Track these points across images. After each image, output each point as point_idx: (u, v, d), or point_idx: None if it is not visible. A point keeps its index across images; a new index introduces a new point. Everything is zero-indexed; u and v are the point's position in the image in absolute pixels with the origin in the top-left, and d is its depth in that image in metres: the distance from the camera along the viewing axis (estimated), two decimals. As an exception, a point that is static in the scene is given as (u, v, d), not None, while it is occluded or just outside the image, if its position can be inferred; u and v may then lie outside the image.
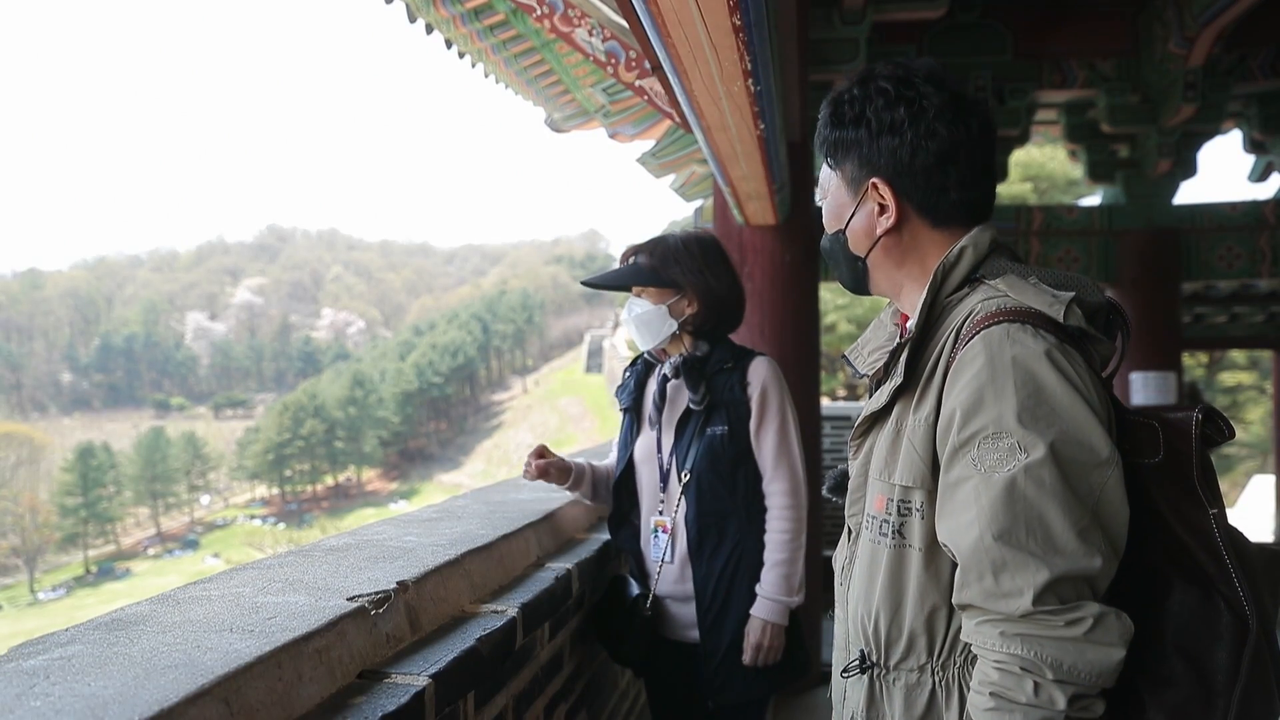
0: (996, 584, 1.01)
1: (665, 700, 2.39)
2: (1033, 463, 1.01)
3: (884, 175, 1.22)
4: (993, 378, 1.06)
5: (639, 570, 2.33)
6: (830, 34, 4.33)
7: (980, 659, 1.05)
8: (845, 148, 1.25)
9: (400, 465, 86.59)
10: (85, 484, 63.39)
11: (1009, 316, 1.09)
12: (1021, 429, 1.03)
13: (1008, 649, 1.01)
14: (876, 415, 1.24)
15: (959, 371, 1.10)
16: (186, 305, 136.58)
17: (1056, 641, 0.98)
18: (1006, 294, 1.13)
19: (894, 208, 1.22)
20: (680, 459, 2.22)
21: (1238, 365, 22.22)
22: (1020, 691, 0.99)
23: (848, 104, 1.24)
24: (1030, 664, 0.99)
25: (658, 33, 1.75)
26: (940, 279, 1.19)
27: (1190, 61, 4.94)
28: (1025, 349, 1.06)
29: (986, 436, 1.05)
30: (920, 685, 1.17)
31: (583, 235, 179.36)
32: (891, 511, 1.17)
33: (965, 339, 1.11)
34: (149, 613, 1.28)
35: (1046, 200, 20.23)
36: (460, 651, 1.42)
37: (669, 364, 2.28)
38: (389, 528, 2.03)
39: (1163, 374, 6.20)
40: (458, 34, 4.21)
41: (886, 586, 1.18)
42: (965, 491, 1.06)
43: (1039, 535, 1.00)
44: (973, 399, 1.06)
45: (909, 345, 1.17)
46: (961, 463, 1.07)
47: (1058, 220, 6.40)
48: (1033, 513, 1.01)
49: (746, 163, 2.97)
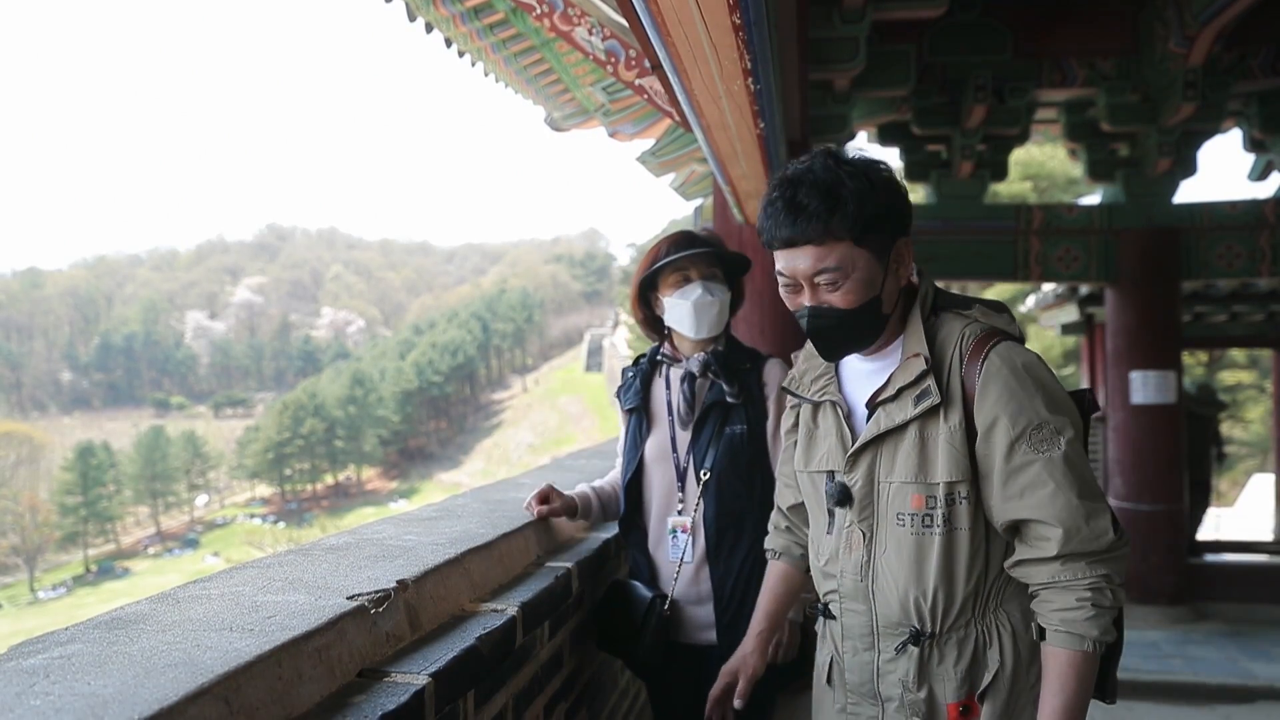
0: (1092, 528, 1.34)
1: (671, 704, 2.36)
2: (1070, 439, 1.37)
3: (906, 233, 1.46)
4: (1020, 384, 1.38)
5: (649, 573, 2.29)
6: (830, 32, 4.32)
7: (1065, 590, 1.36)
8: (873, 224, 1.39)
9: (400, 464, 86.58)
10: (85, 483, 63.39)
11: (1000, 336, 1.43)
12: (1053, 416, 1.37)
13: (1096, 572, 1.35)
14: (887, 434, 1.45)
15: (988, 384, 1.39)
16: (186, 304, 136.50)
17: (1120, 559, 1.37)
18: (978, 320, 1.45)
19: (910, 258, 1.48)
20: (699, 458, 2.21)
21: (1237, 364, 22.20)
22: (1105, 599, 1.35)
23: (856, 183, 1.37)
24: (1109, 578, 1.35)
25: (657, 31, 1.75)
26: (924, 316, 1.48)
27: (1190, 60, 4.94)
28: (1027, 359, 1.40)
29: (1034, 428, 1.36)
30: (968, 638, 1.45)
31: (583, 234, 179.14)
32: (936, 505, 1.42)
33: (975, 359, 1.40)
34: (149, 612, 1.28)
35: (1046, 199, 20.22)
36: (460, 650, 1.42)
37: (695, 361, 2.25)
38: (389, 526, 2.03)
39: (1162, 373, 6.20)
40: (457, 33, 4.21)
41: (941, 567, 1.42)
42: (1034, 471, 1.36)
43: (1093, 488, 1.37)
44: (1012, 402, 1.37)
45: (933, 371, 1.42)
46: (1021, 452, 1.37)
47: (1058, 219, 6.40)
48: (1084, 474, 1.37)
49: (746, 161, 2.97)
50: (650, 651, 2.17)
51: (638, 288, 2.32)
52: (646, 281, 2.30)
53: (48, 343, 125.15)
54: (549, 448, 69.26)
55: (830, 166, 1.39)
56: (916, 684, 1.45)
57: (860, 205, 1.37)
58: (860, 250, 1.40)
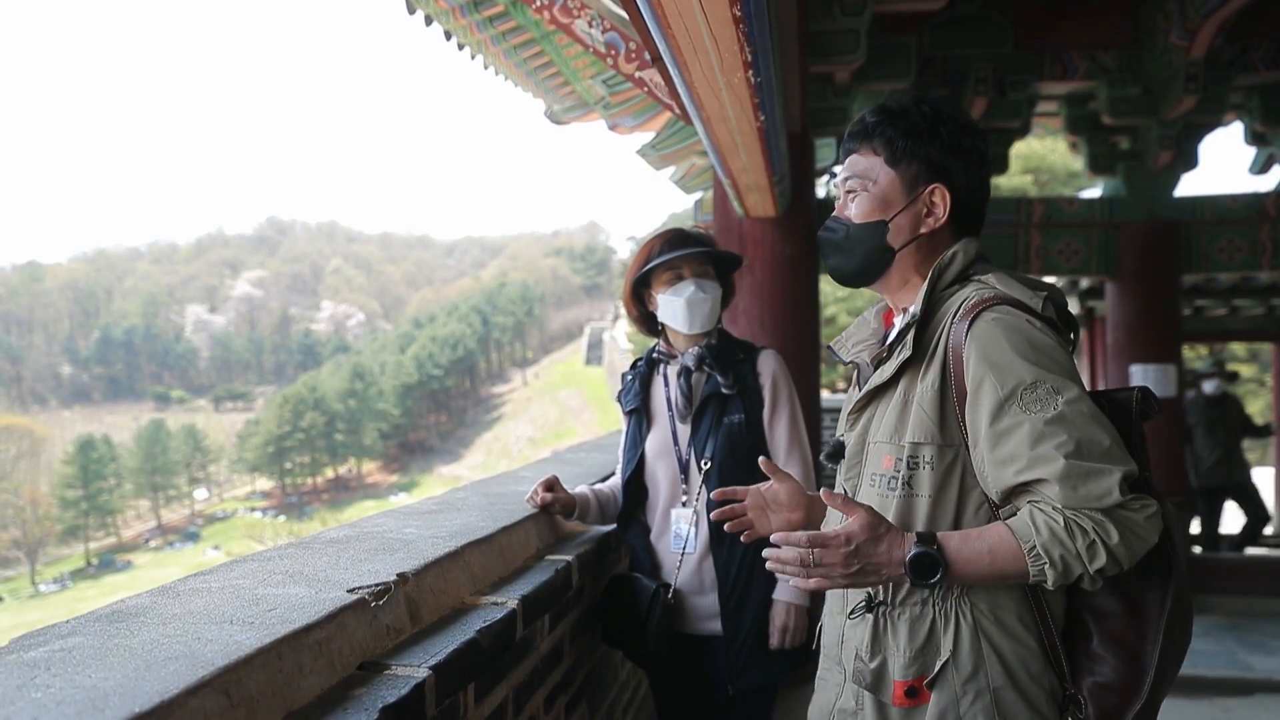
0: (1089, 490, 1.20)
1: (674, 694, 2.38)
2: (1071, 399, 1.24)
3: (949, 185, 1.42)
4: (1011, 344, 1.28)
5: (650, 564, 2.33)
6: (831, 25, 4.31)
7: (1076, 515, 1.21)
8: (911, 151, 1.42)
9: (400, 458, 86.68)
10: (86, 476, 63.49)
11: (998, 301, 1.33)
12: (1051, 375, 1.26)
13: (1101, 520, 1.20)
14: (880, 389, 1.43)
15: (975, 344, 1.30)
16: (186, 298, 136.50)
17: (1130, 522, 1.21)
18: (994, 286, 1.37)
19: (946, 214, 1.43)
20: (699, 448, 2.27)
21: (1238, 358, 22.21)
22: (1103, 533, 1.19)
23: (919, 116, 1.42)
24: (1120, 526, 1.20)
25: (658, 24, 1.75)
26: (937, 275, 1.41)
27: (1192, 53, 4.92)
28: (1021, 321, 1.30)
29: (1025, 388, 1.26)
30: (922, 617, 1.35)
31: (582, 227, 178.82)
32: (900, 468, 1.37)
33: (966, 317, 1.32)
34: (149, 605, 1.28)
35: (1047, 192, 20.20)
36: (460, 643, 1.42)
37: (690, 356, 2.33)
38: (389, 520, 2.03)
39: (1162, 366, 6.20)
40: (457, 25, 4.20)
41: None
42: (1024, 433, 1.25)
43: (1098, 450, 1.22)
44: (999, 363, 1.27)
45: (915, 324, 1.36)
46: (1009, 414, 1.26)
47: (1058, 212, 6.39)
48: (1086, 434, 1.23)
49: (746, 154, 2.97)
50: (656, 641, 2.20)
51: (631, 286, 2.39)
52: (640, 280, 2.37)
53: (48, 336, 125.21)
54: (549, 441, 69.29)
55: (907, 100, 1.45)
56: (870, 653, 1.39)
57: (907, 130, 1.41)
58: (889, 171, 1.43)
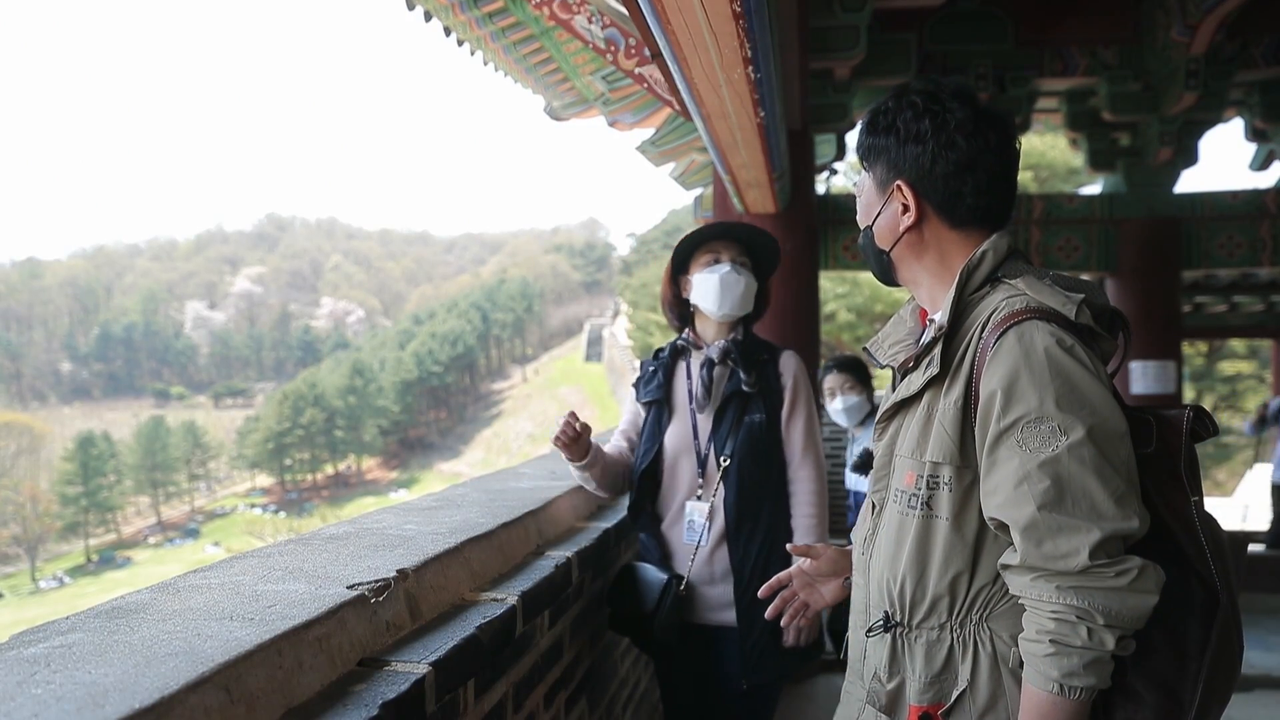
0: (1055, 546, 1.13)
1: (682, 684, 2.39)
2: (1074, 443, 1.14)
3: (907, 178, 1.36)
4: (1029, 369, 1.18)
5: (659, 554, 2.34)
6: (831, 21, 4.31)
7: (1033, 612, 1.17)
8: (876, 153, 1.40)
9: (400, 454, 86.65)
10: (86, 473, 63.46)
11: (1032, 314, 1.22)
12: (1060, 414, 1.15)
13: (1064, 600, 1.13)
14: (906, 401, 1.36)
15: (995, 363, 1.21)
16: (186, 294, 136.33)
17: (1106, 591, 1.11)
18: (1025, 293, 1.25)
19: (914, 208, 1.36)
20: (720, 444, 2.28)
21: (1237, 354, 22.22)
22: (1076, 636, 1.12)
23: (882, 114, 1.38)
24: (1084, 612, 1.12)
25: (657, 19, 1.75)
26: (965, 279, 1.31)
27: (1192, 49, 4.91)
28: (1052, 343, 1.19)
29: (1029, 421, 1.17)
30: (940, 642, 1.30)
31: (582, 224, 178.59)
32: (920, 486, 1.30)
33: (994, 333, 1.23)
34: (149, 601, 1.28)
35: (1047, 189, 20.18)
36: (460, 639, 1.43)
37: (715, 349, 2.33)
38: (389, 516, 2.04)
39: (1162, 363, 6.20)
40: (456, 21, 4.19)
41: (913, 553, 1.30)
42: (1012, 469, 1.17)
43: (1085, 504, 1.13)
44: (1012, 388, 1.19)
45: (942, 339, 1.29)
46: (1006, 444, 1.19)
47: (1058, 209, 6.38)
48: (1077, 485, 1.14)
49: (746, 151, 2.96)
50: (666, 630, 2.22)
51: (671, 266, 2.42)
52: (679, 263, 2.38)
53: (47, 333, 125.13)
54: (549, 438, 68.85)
55: (888, 95, 1.41)
56: (888, 673, 1.35)
57: (869, 129, 1.40)
58: (866, 175, 1.43)
